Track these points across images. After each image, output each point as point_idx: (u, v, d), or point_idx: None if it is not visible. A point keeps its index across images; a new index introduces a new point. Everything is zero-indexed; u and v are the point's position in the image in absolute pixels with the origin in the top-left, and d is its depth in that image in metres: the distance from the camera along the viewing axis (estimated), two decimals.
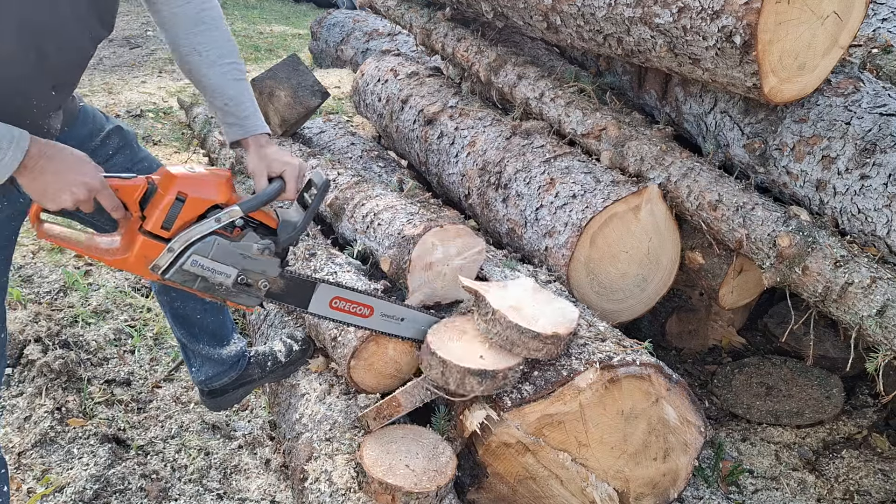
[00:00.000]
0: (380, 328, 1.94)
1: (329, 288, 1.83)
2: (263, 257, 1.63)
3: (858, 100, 2.17)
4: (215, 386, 2.17)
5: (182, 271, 1.56)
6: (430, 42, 3.50)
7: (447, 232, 2.10)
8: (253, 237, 1.61)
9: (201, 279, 1.59)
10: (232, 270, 1.61)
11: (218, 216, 1.55)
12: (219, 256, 1.58)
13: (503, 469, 1.92)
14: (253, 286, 1.65)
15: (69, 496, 2.10)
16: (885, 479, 2.34)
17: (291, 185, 1.64)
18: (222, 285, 1.62)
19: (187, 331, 2.07)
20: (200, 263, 1.57)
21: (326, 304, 1.83)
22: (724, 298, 2.55)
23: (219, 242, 1.57)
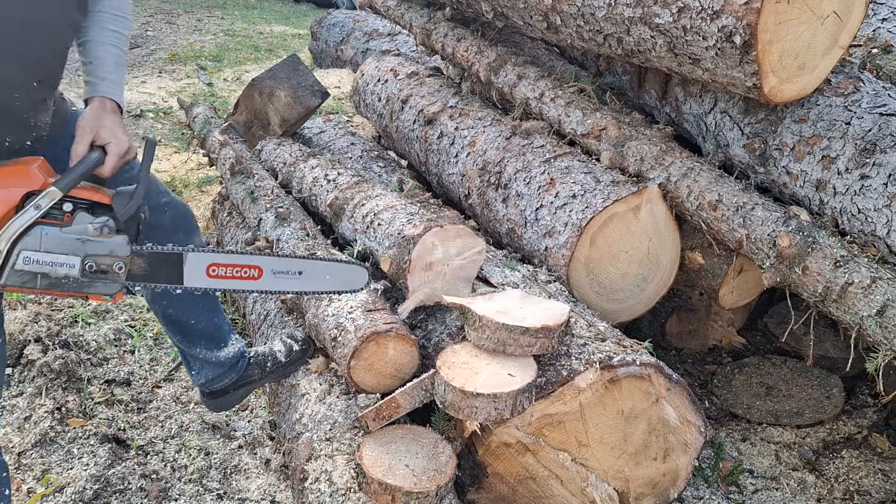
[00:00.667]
0: (275, 288, 1.78)
1: (200, 256, 1.66)
2: (105, 237, 1.50)
3: (858, 100, 2.17)
4: (216, 387, 2.17)
5: (16, 272, 1.45)
6: (430, 42, 3.50)
7: (447, 232, 2.10)
8: (86, 218, 1.49)
9: (42, 276, 1.47)
10: (74, 259, 1.48)
11: (36, 203, 1.43)
12: (52, 247, 1.46)
13: (503, 469, 1.92)
14: (108, 272, 1.52)
15: (69, 496, 2.10)
16: (885, 479, 2.34)
17: (111, 160, 1.53)
18: (68, 277, 1.49)
19: (183, 336, 2.06)
20: (34, 259, 1.45)
21: (203, 273, 1.67)
22: (724, 298, 2.55)
23: (47, 232, 1.46)
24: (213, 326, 2.09)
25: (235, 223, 3.24)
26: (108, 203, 1.52)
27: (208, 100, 5.54)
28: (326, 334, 2.12)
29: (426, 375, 1.88)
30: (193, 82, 6.11)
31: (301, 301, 2.35)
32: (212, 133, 3.77)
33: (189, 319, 2.02)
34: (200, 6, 9.59)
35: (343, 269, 1.90)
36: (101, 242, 1.50)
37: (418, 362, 2.04)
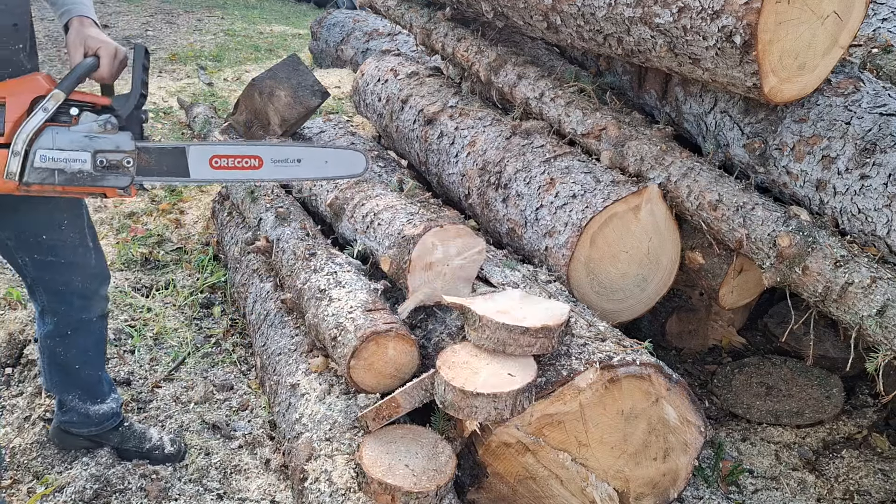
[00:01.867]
0: (275, 176, 1.87)
1: (203, 148, 1.78)
2: (109, 133, 1.65)
3: (858, 100, 2.17)
4: (71, 431, 2.20)
5: (35, 170, 1.60)
6: (430, 42, 3.50)
7: (447, 232, 2.10)
8: (90, 117, 1.64)
9: (59, 172, 1.62)
10: (85, 154, 1.63)
11: (43, 105, 1.58)
12: (64, 144, 1.61)
13: (503, 469, 1.92)
14: (119, 166, 1.66)
15: (69, 496, 2.09)
16: (885, 479, 2.34)
17: (105, 61, 1.66)
18: (83, 172, 1.64)
19: (60, 380, 2.11)
20: (50, 157, 1.60)
21: (207, 165, 1.78)
22: (724, 298, 2.55)
23: (57, 132, 1.61)
24: (94, 380, 2.14)
25: (235, 223, 3.25)
26: (108, 104, 1.67)
27: (208, 100, 5.54)
28: (326, 334, 2.12)
29: (426, 375, 1.88)
30: (193, 82, 6.11)
31: (301, 301, 2.35)
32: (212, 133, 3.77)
33: (74, 364, 2.07)
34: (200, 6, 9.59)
35: (341, 154, 1.94)
36: (107, 138, 1.65)
37: (418, 362, 2.04)
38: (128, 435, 2.25)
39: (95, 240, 2.01)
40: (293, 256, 2.54)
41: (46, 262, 1.89)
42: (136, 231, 3.64)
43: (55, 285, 1.95)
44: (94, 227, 2.01)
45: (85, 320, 2.04)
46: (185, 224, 3.78)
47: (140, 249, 3.47)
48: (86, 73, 1.64)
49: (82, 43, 1.66)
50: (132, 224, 3.71)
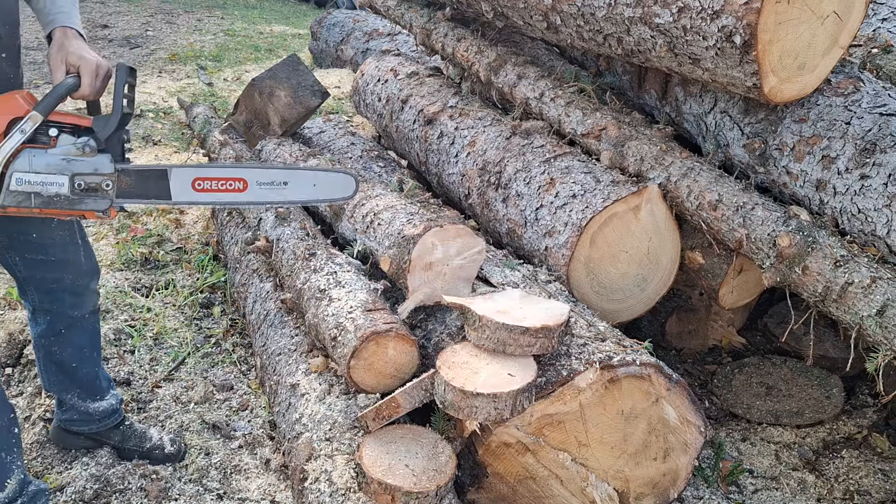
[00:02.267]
0: (261, 199, 1.83)
1: (185, 171, 1.76)
2: (88, 156, 1.62)
3: (858, 100, 2.17)
4: (72, 429, 2.21)
5: (11, 193, 1.58)
6: (430, 42, 3.50)
7: (447, 232, 2.10)
8: (68, 139, 1.61)
9: (35, 195, 1.60)
10: (62, 178, 1.61)
11: (20, 127, 1.55)
12: (41, 167, 1.59)
13: (503, 469, 1.92)
14: (98, 189, 1.64)
15: (69, 496, 2.10)
16: (885, 479, 2.34)
17: (86, 80, 1.63)
18: (59, 195, 1.62)
19: (59, 379, 2.11)
20: (26, 180, 1.58)
21: (189, 187, 1.75)
22: (724, 298, 2.54)
23: (34, 154, 1.58)
24: (92, 377, 2.14)
25: (235, 223, 3.25)
26: (89, 126, 1.63)
27: (208, 100, 5.54)
28: (326, 334, 2.12)
29: (426, 375, 1.88)
30: (193, 82, 6.11)
31: (301, 301, 2.35)
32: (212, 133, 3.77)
33: (70, 363, 2.07)
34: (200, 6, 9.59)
35: (331, 176, 1.91)
36: (86, 161, 1.62)
37: (418, 362, 2.04)
38: (128, 434, 2.26)
39: (84, 236, 2.01)
40: (293, 256, 2.54)
41: (37, 261, 1.90)
42: (136, 231, 3.64)
43: (46, 283, 1.95)
44: (81, 223, 2.01)
45: (77, 317, 2.04)
46: (185, 224, 3.78)
47: (140, 249, 3.47)
48: (66, 92, 1.61)
49: (63, 59, 1.63)
50: (132, 224, 3.71)
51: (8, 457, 1.83)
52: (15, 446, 1.85)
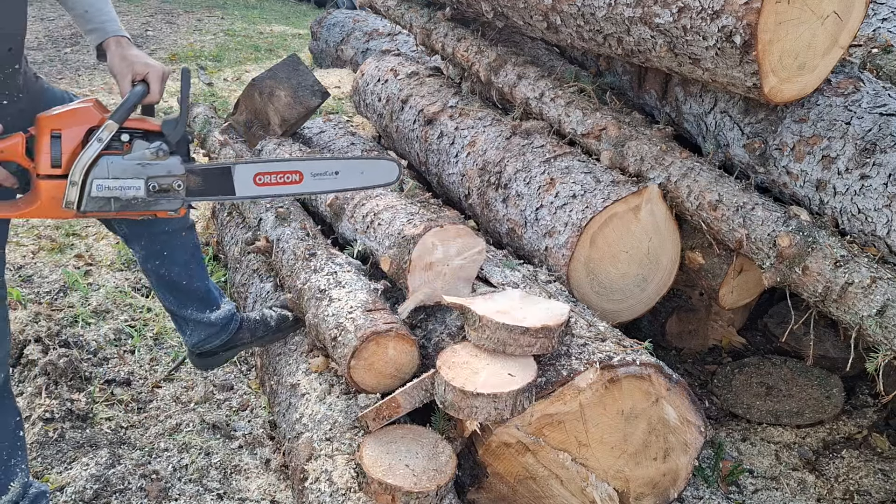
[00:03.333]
0: (315, 189, 1.93)
1: (246, 167, 1.84)
2: (161, 159, 1.69)
3: (858, 100, 2.17)
4: (205, 348, 2.23)
5: (92, 199, 1.64)
6: (430, 42, 3.50)
7: (447, 232, 2.10)
8: (142, 145, 1.68)
9: (114, 199, 1.67)
10: (138, 182, 1.68)
11: (98, 136, 1.62)
12: (118, 173, 1.66)
13: (503, 469, 1.92)
14: (169, 190, 1.72)
15: (69, 496, 2.10)
16: (885, 479, 2.34)
17: (155, 86, 1.71)
18: (137, 198, 1.69)
19: (174, 297, 2.12)
20: (105, 185, 1.65)
21: (251, 183, 1.85)
22: (724, 298, 2.54)
23: (112, 161, 1.65)
24: (203, 288, 2.16)
25: (235, 223, 3.24)
26: (158, 130, 1.71)
27: (208, 100, 5.54)
28: (326, 334, 2.12)
29: (426, 375, 1.88)
30: (193, 82, 6.11)
31: (301, 301, 2.35)
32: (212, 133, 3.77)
33: (181, 280, 2.09)
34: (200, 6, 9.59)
35: (376, 163, 2.02)
36: (159, 164, 1.70)
37: (418, 362, 2.04)
38: (254, 327, 2.30)
39: None
40: (293, 256, 2.54)
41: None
42: None
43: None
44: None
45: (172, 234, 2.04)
46: None
47: None
48: (138, 101, 1.68)
49: (130, 69, 1.70)
50: None
51: (12, 459, 1.84)
52: (20, 449, 1.86)
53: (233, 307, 2.27)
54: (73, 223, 3.70)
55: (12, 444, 1.83)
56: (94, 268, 3.32)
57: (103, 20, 1.75)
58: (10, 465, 1.83)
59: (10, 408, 1.83)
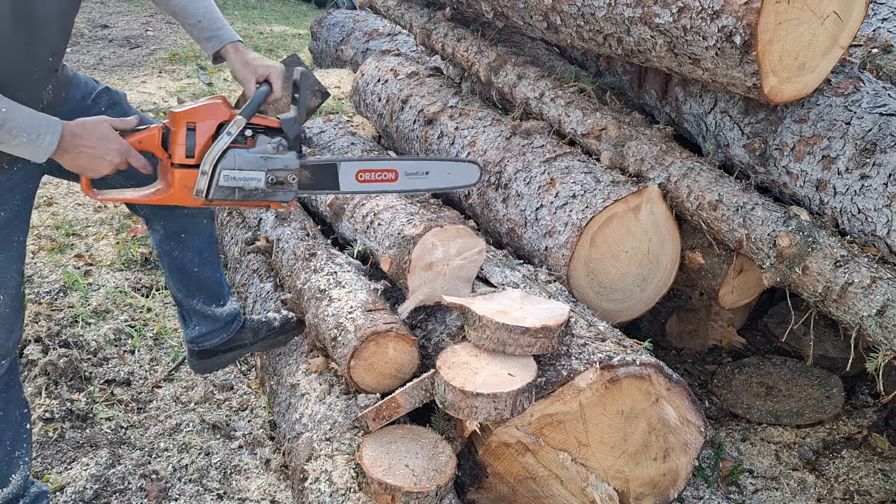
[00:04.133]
0: (408, 187, 2.06)
1: (350, 164, 1.97)
2: (280, 154, 1.83)
3: (858, 100, 2.17)
4: (206, 346, 2.21)
5: (220, 188, 1.77)
6: (430, 42, 3.50)
7: (447, 232, 2.10)
8: (265, 139, 1.82)
9: (238, 189, 1.80)
10: (259, 174, 1.81)
11: (228, 130, 1.76)
12: (243, 165, 1.79)
13: (503, 469, 1.92)
14: (285, 183, 1.84)
15: (69, 496, 2.10)
16: (885, 479, 2.34)
17: (277, 84, 1.85)
18: (257, 189, 1.82)
19: (184, 284, 2.13)
20: (232, 176, 1.78)
21: (353, 179, 1.98)
22: (724, 298, 2.54)
23: (238, 153, 1.78)
24: (213, 280, 2.17)
25: (235, 223, 3.25)
26: (278, 126, 1.84)
27: None
28: (326, 334, 2.12)
29: (426, 375, 1.88)
30: (193, 82, 6.11)
31: (301, 301, 2.35)
32: None
33: (192, 266, 2.11)
34: None
35: (461, 166, 2.19)
36: (278, 158, 1.83)
37: (418, 362, 2.04)
38: (258, 328, 2.30)
39: None
40: (293, 256, 2.54)
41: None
42: (136, 231, 3.64)
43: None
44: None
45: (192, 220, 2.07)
46: None
47: (140, 249, 3.47)
48: (264, 99, 1.83)
49: (253, 72, 1.85)
50: (132, 224, 3.71)
51: (16, 451, 1.84)
52: (24, 442, 1.86)
53: (238, 307, 2.27)
54: (73, 223, 3.70)
55: (17, 436, 1.83)
56: (94, 268, 3.32)
57: (217, 28, 1.88)
58: (13, 456, 1.83)
59: (17, 399, 1.84)
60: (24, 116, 1.50)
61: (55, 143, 1.55)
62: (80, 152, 1.60)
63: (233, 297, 2.26)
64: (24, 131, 1.50)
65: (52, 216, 3.76)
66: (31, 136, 1.51)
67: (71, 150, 1.58)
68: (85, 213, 3.82)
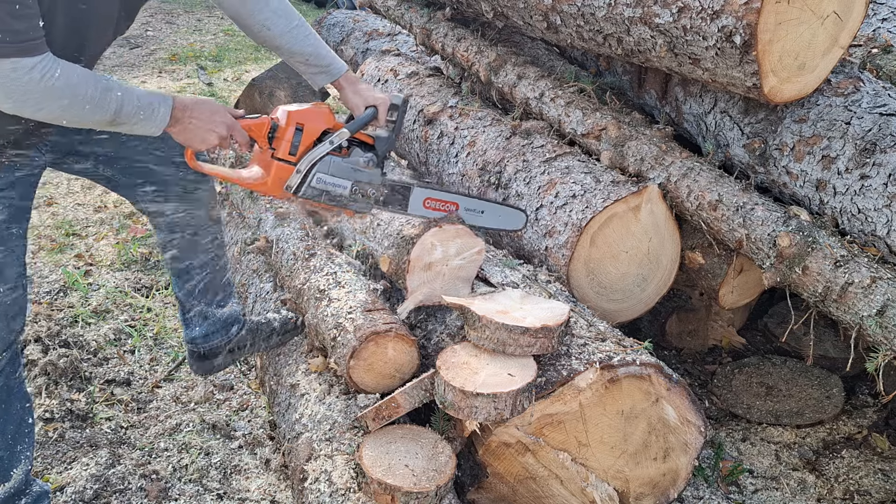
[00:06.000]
0: (465, 221, 2.16)
1: (421, 191, 2.10)
2: (369, 169, 1.95)
3: (858, 100, 2.17)
4: (206, 347, 2.21)
5: (310, 188, 1.87)
6: (430, 42, 3.50)
7: (446, 232, 2.10)
8: (358, 153, 1.93)
9: (325, 193, 1.90)
10: (347, 182, 1.92)
11: (331, 139, 1.86)
12: (336, 172, 1.89)
13: (503, 469, 1.92)
14: (366, 195, 1.96)
15: (69, 496, 2.10)
16: (885, 479, 2.34)
17: (382, 114, 1.97)
18: (342, 196, 1.93)
19: (186, 285, 2.14)
20: (324, 180, 1.88)
21: (421, 204, 2.11)
22: (724, 298, 2.54)
23: (334, 160, 1.89)
24: (216, 282, 2.18)
25: (235, 223, 3.25)
26: (371, 143, 1.97)
27: None
28: (326, 334, 2.12)
29: (426, 375, 1.88)
30: (193, 82, 6.11)
31: (301, 301, 2.35)
32: None
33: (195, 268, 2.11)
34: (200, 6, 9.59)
35: (510, 211, 2.40)
36: (366, 172, 1.95)
37: (418, 362, 2.04)
38: (257, 328, 2.31)
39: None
40: (293, 256, 2.54)
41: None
42: (136, 231, 3.64)
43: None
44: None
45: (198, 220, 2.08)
46: None
47: (140, 249, 3.47)
48: (369, 121, 1.95)
49: (364, 100, 1.97)
50: (132, 224, 3.71)
51: (18, 445, 1.83)
52: (27, 438, 1.85)
53: (239, 308, 2.27)
54: (73, 223, 3.70)
55: (18, 430, 1.82)
56: (94, 268, 3.32)
57: (326, 64, 1.99)
58: (14, 451, 1.82)
59: (19, 392, 1.83)
60: (137, 96, 1.59)
61: (168, 114, 1.63)
62: (191, 123, 1.69)
63: (235, 298, 2.26)
64: (141, 109, 1.59)
65: (52, 216, 3.76)
66: (146, 112, 1.60)
67: (182, 121, 1.67)
68: (85, 213, 3.83)
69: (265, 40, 1.96)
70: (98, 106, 1.53)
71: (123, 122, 1.58)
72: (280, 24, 1.93)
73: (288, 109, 1.86)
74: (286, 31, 1.93)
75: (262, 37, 1.95)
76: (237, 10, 1.91)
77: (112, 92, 1.55)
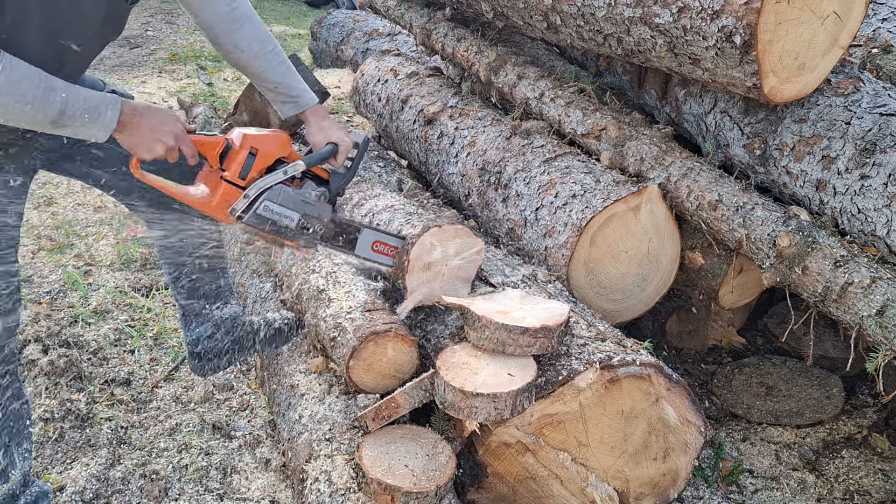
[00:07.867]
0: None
1: (370, 232, 2.05)
2: (320, 203, 1.89)
3: (858, 100, 2.17)
4: (206, 347, 2.21)
5: (256, 215, 1.82)
6: (430, 42, 3.50)
7: (445, 232, 2.10)
8: (311, 186, 1.89)
9: (271, 222, 1.84)
10: (295, 215, 1.86)
11: (285, 168, 1.82)
12: (285, 202, 1.84)
13: (503, 469, 1.92)
14: (311, 230, 1.90)
15: (69, 496, 2.10)
16: (885, 479, 2.34)
17: (341, 155, 1.91)
18: (288, 228, 1.87)
19: (184, 286, 2.14)
20: (271, 209, 1.83)
21: (369, 247, 2.04)
22: (724, 298, 2.54)
23: (284, 190, 1.83)
24: (215, 283, 2.18)
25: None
26: (326, 178, 1.92)
27: (208, 100, 5.54)
28: (325, 334, 2.12)
29: (425, 375, 1.88)
30: (193, 82, 6.11)
31: (300, 301, 2.35)
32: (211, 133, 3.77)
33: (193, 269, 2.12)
34: None
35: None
36: (316, 206, 1.89)
37: (417, 362, 2.04)
38: (257, 329, 2.29)
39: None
40: (292, 256, 2.54)
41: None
42: (136, 231, 3.64)
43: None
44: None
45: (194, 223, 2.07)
46: None
47: (140, 249, 3.47)
48: (327, 158, 1.90)
49: (326, 137, 1.92)
50: (132, 224, 3.71)
51: (13, 444, 1.82)
52: (25, 437, 1.84)
53: (239, 309, 2.27)
54: (73, 223, 3.70)
55: (16, 429, 1.82)
56: (94, 268, 3.32)
57: (295, 95, 1.94)
58: (12, 451, 1.81)
59: (16, 389, 1.83)
60: (83, 98, 1.53)
61: (116, 118, 1.57)
62: (139, 129, 1.62)
63: (235, 299, 2.26)
64: (86, 112, 1.53)
65: (52, 216, 3.76)
66: (92, 115, 1.54)
67: (130, 127, 1.61)
68: (85, 213, 3.83)
69: (236, 62, 1.92)
70: (40, 106, 1.46)
71: (66, 124, 1.52)
72: (253, 48, 1.88)
73: (244, 132, 1.81)
74: (258, 55, 1.89)
75: (232, 57, 1.91)
76: (211, 25, 1.89)
77: (56, 92, 1.48)
